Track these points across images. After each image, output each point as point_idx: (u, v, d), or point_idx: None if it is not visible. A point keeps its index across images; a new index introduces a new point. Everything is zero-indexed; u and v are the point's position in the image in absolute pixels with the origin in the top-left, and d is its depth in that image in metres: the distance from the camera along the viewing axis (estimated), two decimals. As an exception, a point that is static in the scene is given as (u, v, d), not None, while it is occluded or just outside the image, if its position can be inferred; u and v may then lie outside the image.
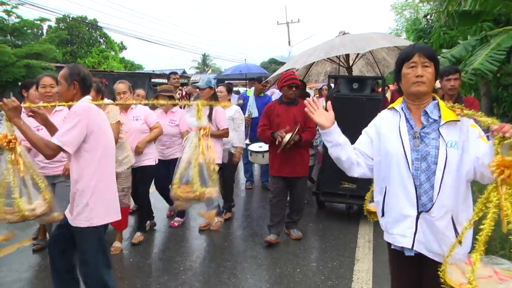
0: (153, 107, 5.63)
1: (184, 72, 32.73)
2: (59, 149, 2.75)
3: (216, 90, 5.55)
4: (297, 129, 4.62)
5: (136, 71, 29.23)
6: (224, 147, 5.49)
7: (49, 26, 30.28)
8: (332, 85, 6.14)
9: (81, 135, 2.80)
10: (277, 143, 4.67)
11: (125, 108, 4.96)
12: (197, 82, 5.86)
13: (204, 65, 54.16)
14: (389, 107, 2.29)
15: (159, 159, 5.27)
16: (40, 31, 25.93)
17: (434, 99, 2.16)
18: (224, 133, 5.29)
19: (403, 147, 2.11)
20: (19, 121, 2.71)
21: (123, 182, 4.60)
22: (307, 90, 8.11)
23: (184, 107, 5.83)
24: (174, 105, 5.51)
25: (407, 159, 2.09)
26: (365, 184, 4.98)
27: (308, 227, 5.50)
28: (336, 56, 6.60)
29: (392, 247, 2.25)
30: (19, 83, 7.07)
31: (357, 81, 5.64)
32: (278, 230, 4.96)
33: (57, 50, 18.82)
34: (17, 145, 2.74)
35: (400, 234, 2.16)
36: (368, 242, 4.89)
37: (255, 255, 4.63)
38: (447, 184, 2.03)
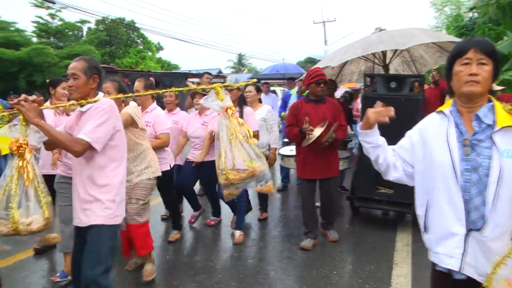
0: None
1: (220, 71, 32.95)
2: (88, 146, 2.64)
3: (243, 89, 5.36)
4: (334, 127, 4.46)
5: (173, 71, 29.59)
6: None
7: (89, 28, 31.04)
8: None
9: (109, 132, 2.74)
10: (307, 137, 4.48)
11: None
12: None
13: (240, 64, 54.35)
14: (437, 110, 2.03)
15: (191, 161, 5.14)
16: (80, 33, 26.61)
17: (490, 101, 1.90)
18: (255, 136, 5.06)
19: (451, 156, 1.86)
20: (40, 121, 2.56)
21: (139, 193, 3.99)
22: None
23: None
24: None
25: (455, 170, 1.84)
26: (403, 190, 4.86)
27: (344, 230, 5.40)
28: (372, 54, 6.36)
29: (437, 268, 1.96)
30: (47, 80, 7.08)
31: (395, 80, 5.38)
32: (315, 235, 4.84)
33: (96, 51, 19.31)
34: (27, 152, 2.58)
35: (446, 254, 1.89)
36: (406, 245, 4.74)
37: (291, 256, 4.58)
38: (503, 199, 1.76)
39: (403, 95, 5.25)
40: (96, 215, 2.76)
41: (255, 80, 4.47)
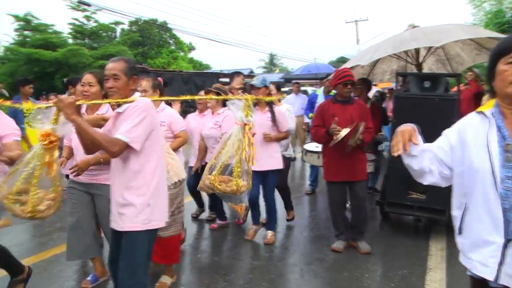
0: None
1: (251, 71, 32.97)
2: (125, 146, 2.55)
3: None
4: (361, 128, 4.29)
5: (205, 71, 29.84)
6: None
7: (122, 29, 31.63)
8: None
9: (146, 132, 2.64)
10: (334, 138, 4.30)
11: None
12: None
13: (271, 64, 54.32)
14: (477, 110, 1.89)
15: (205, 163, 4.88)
16: (113, 34, 27.19)
17: None
18: (287, 135, 5.09)
19: (491, 162, 1.73)
20: (77, 118, 2.47)
21: None
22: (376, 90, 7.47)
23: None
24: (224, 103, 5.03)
25: (494, 177, 1.71)
26: (437, 195, 4.76)
27: (375, 233, 5.29)
28: (404, 52, 6.00)
29: (469, 273, 1.90)
30: (64, 80, 7.01)
31: (429, 79, 5.12)
32: (346, 237, 4.73)
33: (129, 52, 19.65)
34: (56, 149, 2.54)
35: (480, 262, 1.80)
36: (441, 250, 4.61)
37: (322, 257, 4.53)
38: None
39: (438, 95, 5.00)
40: (130, 221, 2.66)
41: (274, 98, 4.54)
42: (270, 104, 4.91)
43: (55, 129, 2.49)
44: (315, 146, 6.03)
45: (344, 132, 4.27)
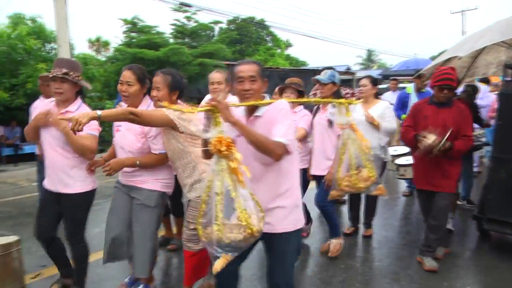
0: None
1: (348, 68, 32.32)
2: (286, 149, 2.45)
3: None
4: (447, 134, 3.89)
5: (301, 68, 29.79)
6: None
7: (220, 28, 32.59)
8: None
9: (293, 134, 2.60)
10: (419, 145, 4.02)
11: None
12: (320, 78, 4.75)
13: (369, 61, 52.89)
14: None
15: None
16: (212, 33, 28.13)
17: None
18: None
19: None
20: (239, 121, 2.39)
21: (189, 214, 3.34)
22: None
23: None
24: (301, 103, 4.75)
25: None
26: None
27: (472, 252, 4.85)
28: None
29: None
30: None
31: None
32: (446, 244, 4.46)
33: (227, 49, 20.19)
34: (236, 151, 2.30)
35: None
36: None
37: (417, 263, 4.30)
38: None
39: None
40: (281, 223, 2.59)
41: (356, 102, 3.85)
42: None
43: (223, 131, 2.30)
44: (406, 160, 5.57)
45: (430, 140, 3.93)
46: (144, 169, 3.33)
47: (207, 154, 2.50)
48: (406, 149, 5.61)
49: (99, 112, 2.69)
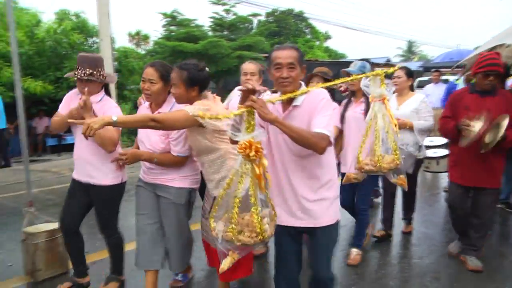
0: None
1: (388, 60, 31.65)
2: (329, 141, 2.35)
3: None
4: (505, 121, 3.53)
5: (340, 60, 29.40)
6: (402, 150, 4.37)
7: (259, 20, 32.52)
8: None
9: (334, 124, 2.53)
10: (464, 135, 3.71)
11: None
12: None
13: (409, 52, 51.63)
14: None
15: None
16: (250, 26, 28.15)
17: None
18: None
19: None
20: (278, 118, 2.28)
21: None
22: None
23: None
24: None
25: None
26: None
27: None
28: None
29: None
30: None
31: None
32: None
33: (266, 42, 20.15)
34: (263, 157, 2.22)
35: None
36: None
37: (459, 262, 4.18)
38: None
39: None
40: (324, 215, 2.55)
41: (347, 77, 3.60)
42: (366, 95, 3.96)
43: (256, 136, 2.20)
44: (433, 152, 5.27)
45: (478, 127, 3.60)
46: (165, 167, 3.24)
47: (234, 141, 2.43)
48: (442, 141, 5.36)
49: (114, 118, 2.55)
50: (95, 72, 3.31)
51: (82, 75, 3.26)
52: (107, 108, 3.40)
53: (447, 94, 7.02)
